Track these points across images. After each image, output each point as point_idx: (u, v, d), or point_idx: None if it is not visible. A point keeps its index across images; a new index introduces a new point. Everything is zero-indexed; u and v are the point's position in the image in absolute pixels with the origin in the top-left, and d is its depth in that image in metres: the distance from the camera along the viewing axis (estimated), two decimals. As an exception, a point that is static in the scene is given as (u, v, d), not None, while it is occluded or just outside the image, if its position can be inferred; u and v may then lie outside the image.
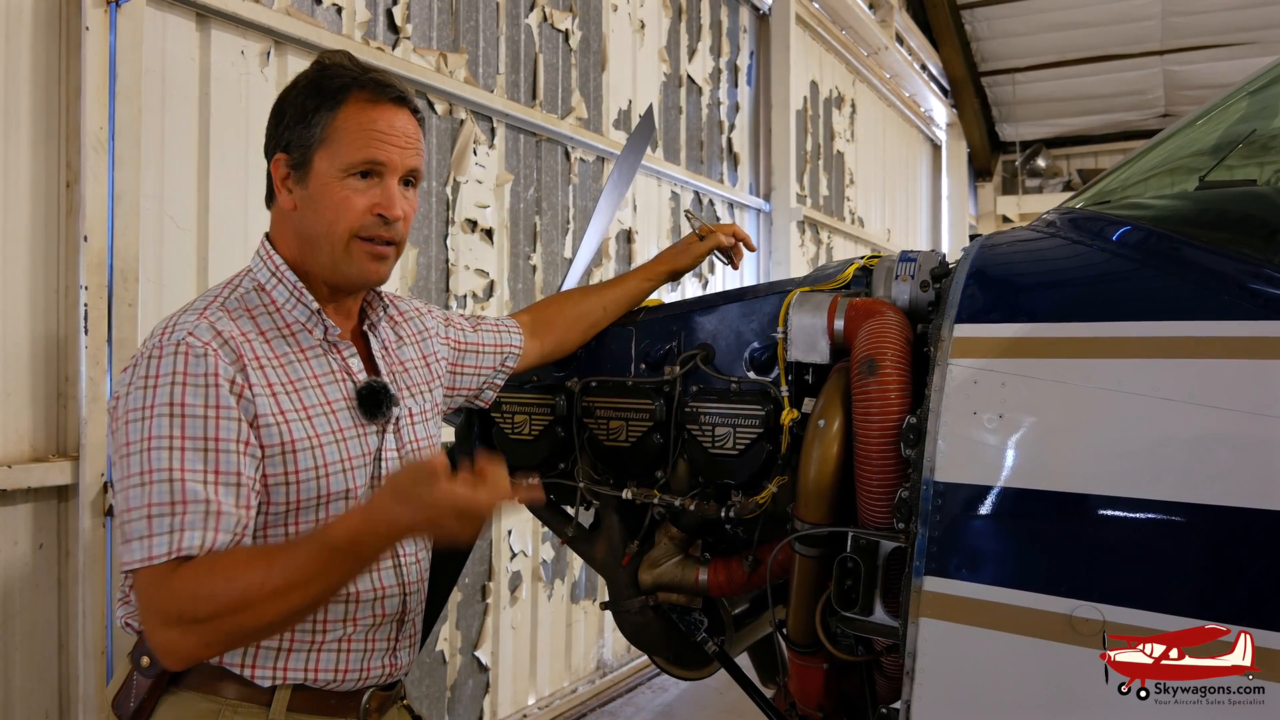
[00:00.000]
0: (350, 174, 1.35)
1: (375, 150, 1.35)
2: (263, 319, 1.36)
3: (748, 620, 1.90)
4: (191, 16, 2.55)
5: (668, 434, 1.73)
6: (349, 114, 1.35)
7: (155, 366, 1.23)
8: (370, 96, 1.37)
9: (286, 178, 1.38)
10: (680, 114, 5.13)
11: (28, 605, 2.19)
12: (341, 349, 1.42)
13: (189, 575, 1.18)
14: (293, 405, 1.31)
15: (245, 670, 1.31)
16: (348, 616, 1.37)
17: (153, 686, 1.30)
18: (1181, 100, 10.15)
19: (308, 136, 1.35)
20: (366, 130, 1.35)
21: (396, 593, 1.43)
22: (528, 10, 3.90)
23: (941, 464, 1.19)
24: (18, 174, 2.17)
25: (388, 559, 1.42)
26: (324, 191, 1.35)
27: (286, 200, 1.39)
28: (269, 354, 1.33)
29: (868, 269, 1.62)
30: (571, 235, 4.16)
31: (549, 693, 4.08)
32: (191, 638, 1.18)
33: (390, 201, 1.37)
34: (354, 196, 1.35)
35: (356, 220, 1.35)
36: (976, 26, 9.87)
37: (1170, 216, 1.49)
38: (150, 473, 1.19)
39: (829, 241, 7.02)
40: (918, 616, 1.18)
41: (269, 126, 1.42)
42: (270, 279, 1.39)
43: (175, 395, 1.21)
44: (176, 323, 1.29)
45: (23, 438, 2.19)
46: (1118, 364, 1.16)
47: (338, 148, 1.34)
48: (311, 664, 1.34)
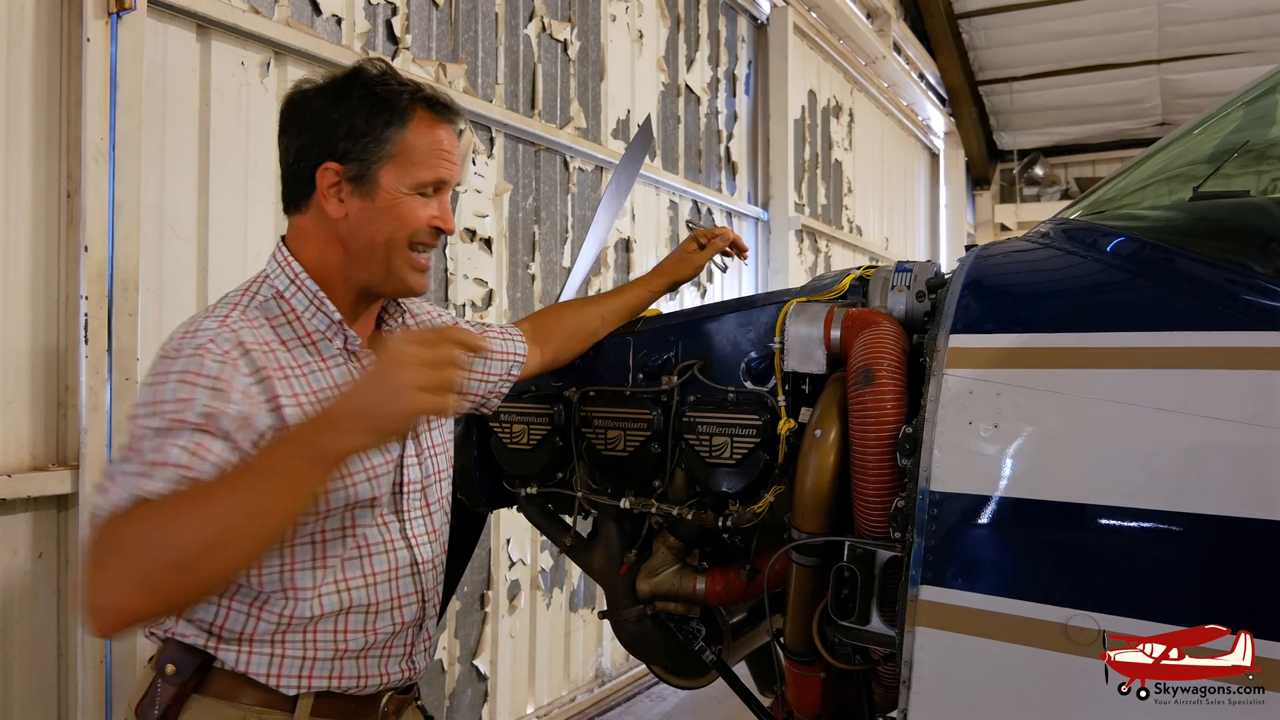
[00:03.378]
0: (418, 191, 1.38)
1: (443, 170, 1.40)
2: (282, 329, 1.36)
3: (745, 629, 1.90)
4: (192, 28, 2.56)
5: (665, 444, 1.74)
6: (419, 132, 1.38)
7: (169, 365, 1.23)
8: (434, 116, 1.40)
9: (337, 186, 1.37)
10: (678, 123, 5.14)
11: (27, 614, 2.19)
12: (362, 358, 1.42)
13: (129, 515, 1.11)
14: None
15: (270, 679, 1.32)
16: (368, 626, 1.38)
17: (176, 694, 1.30)
18: (1178, 109, 10.18)
19: (374, 150, 1.36)
20: (436, 150, 1.39)
21: (414, 600, 1.45)
22: (526, 20, 3.92)
23: (937, 474, 1.20)
24: (19, 184, 2.18)
25: (406, 568, 1.43)
26: (393, 205, 1.37)
27: (336, 209, 1.37)
28: (292, 363, 1.33)
29: (864, 279, 1.63)
30: (570, 244, 4.17)
31: (548, 701, 4.07)
32: (119, 577, 1.07)
33: (449, 218, 1.43)
34: (420, 210, 1.38)
35: (419, 229, 1.39)
36: (974, 36, 9.90)
37: (1164, 227, 1.50)
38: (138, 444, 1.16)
39: (827, 250, 7.03)
40: (914, 626, 1.18)
41: (310, 134, 1.38)
42: (289, 286, 1.38)
43: (183, 392, 1.19)
44: (198, 327, 1.27)
45: (22, 447, 2.19)
46: (1113, 374, 1.17)
47: (409, 165, 1.37)
48: (336, 671, 1.36)
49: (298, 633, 1.33)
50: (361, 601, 1.37)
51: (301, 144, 1.39)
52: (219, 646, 1.32)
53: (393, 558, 1.42)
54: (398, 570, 1.42)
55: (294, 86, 1.43)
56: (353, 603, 1.36)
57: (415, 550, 1.46)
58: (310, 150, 1.38)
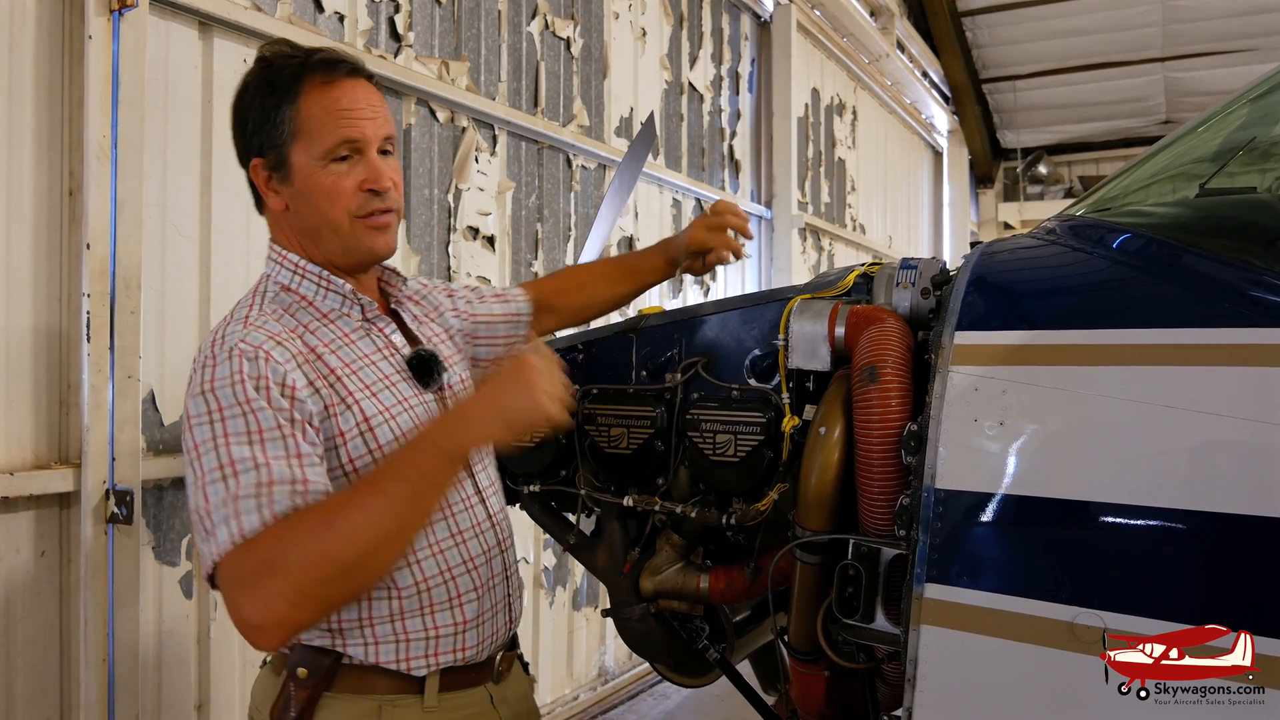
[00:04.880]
0: (330, 159, 1.35)
1: (347, 129, 1.35)
2: (301, 314, 1.39)
3: (749, 628, 1.90)
4: (194, 25, 2.56)
5: (669, 441, 1.73)
6: (310, 101, 1.35)
7: (211, 373, 1.24)
8: (324, 78, 1.37)
9: (269, 181, 1.39)
10: (681, 121, 5.14)
11: (29, 613, 2.19)
12: (381, 325, 1.46)
13: (272, 530, 1.15)
14: (359, 385, 1.35)
15: (401, 665, 1.35)
16: (476, 584, 1.42)
17: (309, 695, 1.33)
18: (1183, 107, 10.15)
19: (277, 135, 1.36)
20: (332, 112, 1.35)
21: (498, 552, 1.49)
22: (529, 18, 3.91)
23: (943, 471, 1.19)
24: (21, 182, 2.18)
25: (486, 522, 1.47)
26: (310, 184, 1.36)
27: (276, 202, 1.40)
28: (321, 341, 1.36)
29: (869, 276, 1.62)
30: (573, 243, 4.17)
31: (550, 700, 4.07)
32: (281, 598, 1.12)
33: (377, 174, 1.38)
34: (340, 180, 1.36)
35: (351, 202, 1.37)
36: (977, 34, 9.88)
37: (1171, 224, 1.49)
38: (232, 464, 1.18)
39: (830, 248, 7.02)
40: (919, 624, 1.18)
41: (235, 136, 1.42)
42: (293, 277, 1.41)
43: (239, 394, 1.22)
44: (224, 333, 1.30)
45: (25, 445, 2.19)
46: (1119, 371, 1.16)
47: (310, 138, 1.35)
48: (459, 645, 1.40)
49: (415, 614, 1.36)
50: (456, 561, 1.40)
51: (237, 146, 1.42)
52: (345, 643, 1.34)
53: (473, 514, 1.46)
54: (479, 525, 1.46)
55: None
56: (449, 564, 1.40)
57: (488, 503, 1.50)
58: (241, 151, 1.42)
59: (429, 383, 1.45)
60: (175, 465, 2.48)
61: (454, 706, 1.40)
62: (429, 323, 1.61)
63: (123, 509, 2.24)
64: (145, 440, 2.42)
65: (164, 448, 2.48)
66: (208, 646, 2.58)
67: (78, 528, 2.24)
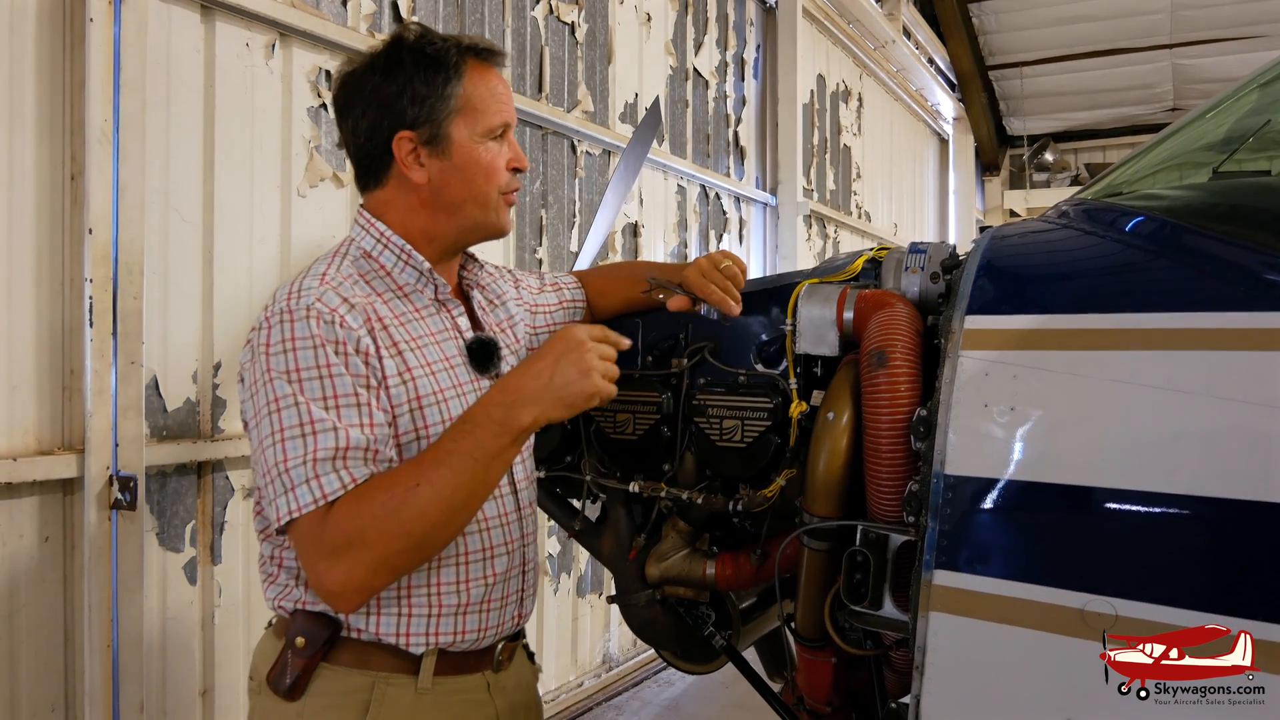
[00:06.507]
0: (490, 138, 1.44)
1: (506, 113, 1.46)
2: (376, 282, 1.42)
3: (755, 614, 1.89)
4: (196, 9, 2.54)
5: (675, 427, 1.72)
6: (474, 81, 1.43)
7: (291, 330, 1.27)
8: (482, 63, 1.45)
9: (414, 153, 1.41)
10: (686, 107, 5.11)
11: (34, 599, 2.19)
12: (451, 307, 1.49)
13: (349, 501, 1.22)
14: (418, 361, 1.37)
15: (400, 639, 1.36)
16: (487, 573, 1.43)
17: (306, 665, 1.35)
18: (1190, 94, 10.08)
19: (441, 109, 1.40)
20: (494, 94, 1.45)
21: (520, 545, 1.50)
22: (534, 3, 3.89)
23: (952, 457, 1.18)
24: (23, 167, 2.17)
25: (514, 513, 1.49)
26: (470, 158, 1.43)
27: (419, 175, 1.42)
28: (390, 314, 1.38)
29: (877, 261, 1.61)
30: (578, 229, 4.15)
31: (555, 686, 4.08)
32: (361, 566, 1.21)
33: (522, 156, 1.49)
34: (497, 158, 1.45)
35: (503, 178, 1.46)
36: (984, 20, 9.81)
37: (1184, 207, 1.47)
38: (312, 422, 1.23)
39: (836, 235, 7.00)
40: (927, 611, 1.17)
41: (375, 110, 1.42)
42: (376, 245, 1.44)
43: (319, 358, 1.26)
44: (300, 287, 1.32)
45: (28, 431, 2.18)
46: (1131, 355, 1.14)
47: (474, 115, 1.42)
48: (460, 626, 1.41)
49: (421, 589, 1.38)
50: (475, 547, 1.42)
51: (370, 121, 1.42)
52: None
53: (501, 503, 1.47)
54: (506, 516, 1.47)
55: (338, 71, 1.47)
56: (468, 549, 1.41)
57: (519, 495, 1.51)
58: (380, 125, 1.42)
59: (486, 368, 1.48)
60: (179, 451, 2.48)
61: (448, 691, 1.41)
62: (492, 310, 1.63)
63: (126, 495, 2.24)
64: (149, 426, 2.41)
65: (167, 433, 2.48)
66: (212, 632, 2.58)
67: (81, 514, 2.24)
